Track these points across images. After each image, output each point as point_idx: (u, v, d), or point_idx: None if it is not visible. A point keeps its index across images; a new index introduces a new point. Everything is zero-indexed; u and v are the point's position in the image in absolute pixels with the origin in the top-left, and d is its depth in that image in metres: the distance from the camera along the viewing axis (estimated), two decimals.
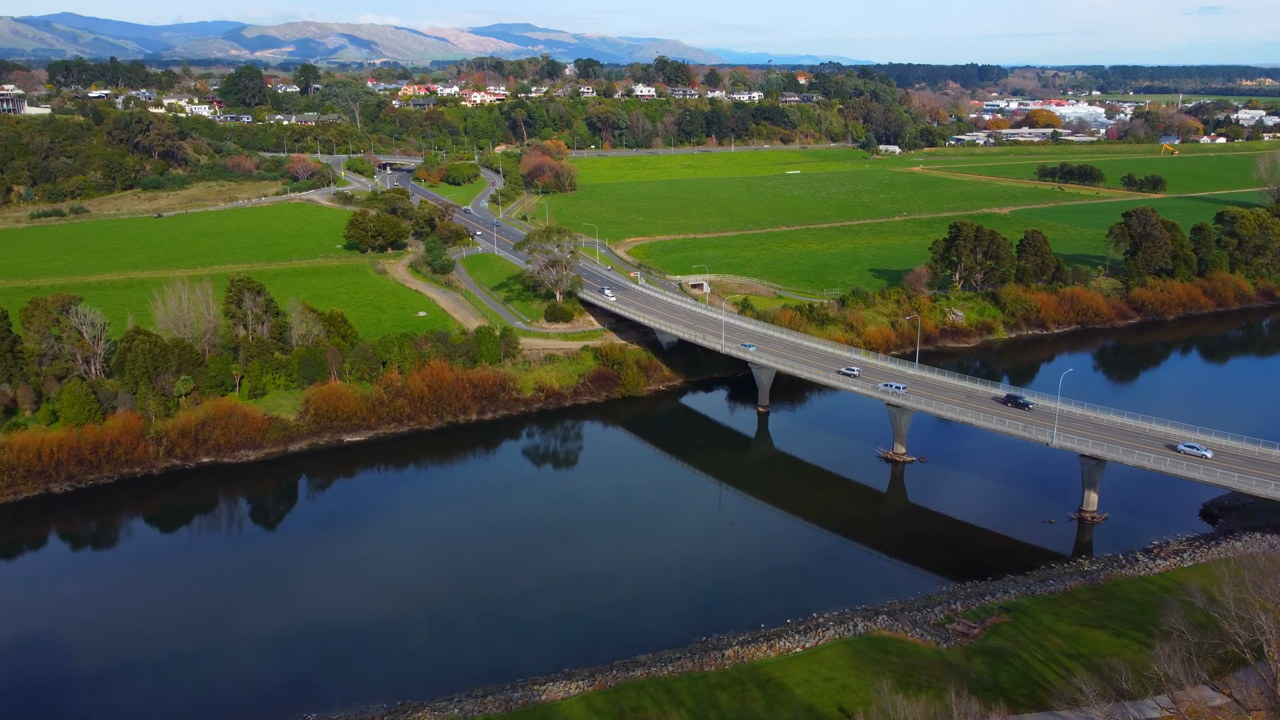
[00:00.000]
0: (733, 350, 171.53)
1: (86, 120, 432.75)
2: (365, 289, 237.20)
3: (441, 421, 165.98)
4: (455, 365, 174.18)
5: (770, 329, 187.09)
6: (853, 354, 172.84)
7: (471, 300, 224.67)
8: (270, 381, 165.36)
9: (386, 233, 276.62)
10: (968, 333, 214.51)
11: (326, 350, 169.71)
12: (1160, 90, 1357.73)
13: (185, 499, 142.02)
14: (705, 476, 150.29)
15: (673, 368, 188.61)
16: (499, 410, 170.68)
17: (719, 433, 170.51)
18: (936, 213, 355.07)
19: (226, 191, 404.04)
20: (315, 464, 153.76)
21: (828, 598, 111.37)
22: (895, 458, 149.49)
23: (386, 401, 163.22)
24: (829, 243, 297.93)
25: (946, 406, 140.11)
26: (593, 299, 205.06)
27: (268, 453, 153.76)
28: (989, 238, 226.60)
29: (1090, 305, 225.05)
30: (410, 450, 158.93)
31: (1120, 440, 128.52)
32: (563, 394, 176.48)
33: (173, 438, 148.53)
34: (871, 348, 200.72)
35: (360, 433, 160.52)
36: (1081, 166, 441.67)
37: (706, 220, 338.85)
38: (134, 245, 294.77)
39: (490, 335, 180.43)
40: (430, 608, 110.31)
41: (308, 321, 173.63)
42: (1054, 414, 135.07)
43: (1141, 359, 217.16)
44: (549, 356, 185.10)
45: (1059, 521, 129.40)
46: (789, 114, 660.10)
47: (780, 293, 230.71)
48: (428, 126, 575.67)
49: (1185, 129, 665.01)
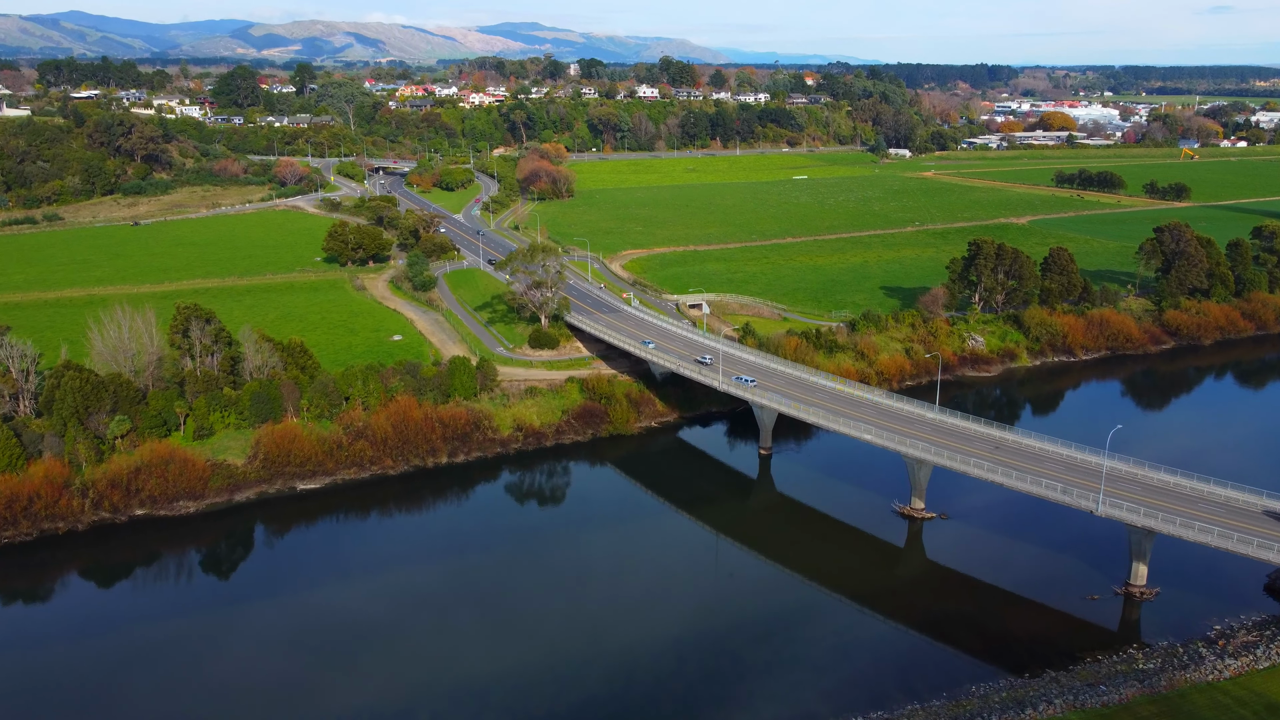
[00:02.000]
0: (732, 389, 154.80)
1: (67, 123, 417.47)
2: (340, 308, 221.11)
3: (407, 465, 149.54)
4: (425, 401, 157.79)
5: (773, 360, 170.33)
6: (866, 393, 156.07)
7: (452, 321, 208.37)
8: (219, 420, 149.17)
9: (367, 245, 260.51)
10: (988, 360, 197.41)
11: (283, 384, 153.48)
12: (1173, 91, 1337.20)
13: (113, 557, 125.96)
14: (701, 526, 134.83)
15: (666, 401, 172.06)
16: (472, 452, 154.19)
17: (717, 475, 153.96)
18: (950, 222, 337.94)
19: (211, 197, 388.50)
20: (264, 515, 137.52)
21: (837, 697, 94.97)
22: (913, 513, 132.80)
23: (346, 444, 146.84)
24: (837, 256, 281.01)
25: (973, 462, 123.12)
26: (580, 324, 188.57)
27: (210, 504, 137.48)
28: (1011, 256, 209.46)
29: (1121, 329, 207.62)
30: (372, 498, 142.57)
31: (1175, 506, 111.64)
32: (543, 433, 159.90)
33: (100, 489, 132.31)
34: (884, 378, 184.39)
35: (316, 479, 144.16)
36: (1101, 173, 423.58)
37: (708, 231, 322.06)
38: (104, 256, 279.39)
39: (465, 367, 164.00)
40: (389, 692, 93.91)
41: (263, 352, 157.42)
42: (1100, 473, 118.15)
43: (1179, 390, 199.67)
44: (530, 389, 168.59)
45: (1103, 597, 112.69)
46: (796, 116, 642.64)
47: (785, 314, 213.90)
48: (424, 129, 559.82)
49: (1204, 132, 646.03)
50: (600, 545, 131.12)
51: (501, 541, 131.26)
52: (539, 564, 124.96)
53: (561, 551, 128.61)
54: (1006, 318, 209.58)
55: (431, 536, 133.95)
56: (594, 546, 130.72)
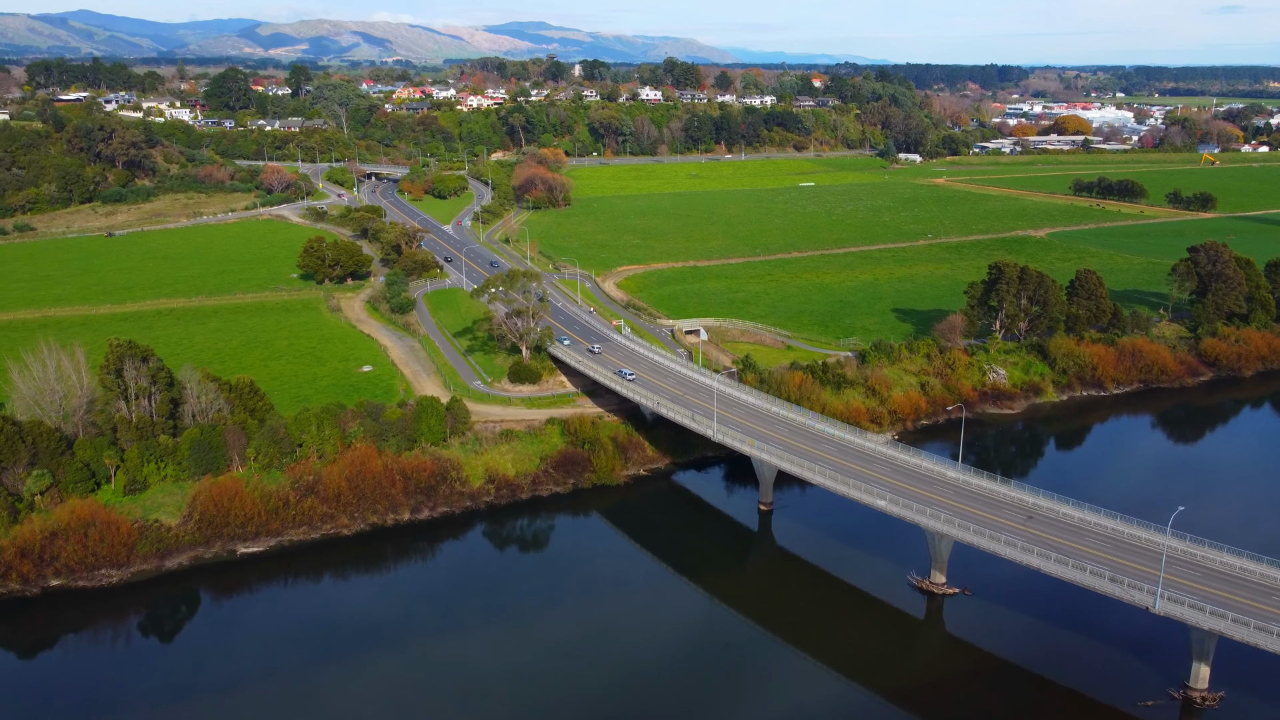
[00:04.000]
0: (728, 440, 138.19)
1: (45, 127, 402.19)
2: (311, 332, 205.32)
3: (364, 524, 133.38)
4: (387, 449, 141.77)
5: (773, 403, 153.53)
6: (878, 444, 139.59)
7: (429, 349, 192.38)
8: (154, 472, 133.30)
9: (345, 262, 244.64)
10: (1011, 395, 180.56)
11: (227, 430, 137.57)
12: (1187, 93, 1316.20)
13: (19, 639, 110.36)
14: (693, 587, 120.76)
15: (657, 445, 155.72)
16: (438, 507, 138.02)
17: (713, 532, 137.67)
18: (965, 235, 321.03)
19: (193, 205, 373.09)
20: (197, 584, 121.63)
21: None
22: (933, 588, 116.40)
23: (293, 501, 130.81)
24: (846, 273, 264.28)
25: (1004, 538, 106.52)
26: (564, 356, 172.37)
27: (137, 571, 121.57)
28: (1036, 280, 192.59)
29: (1155, 361, 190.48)
30: (323, 562, 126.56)
31: (1246, 600, 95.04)
32: (518, 484, 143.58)
33: (8, 558, 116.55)
34: (898, 417, 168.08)
35: (259, 541, 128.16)
36: (1121, 181, 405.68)
37: (709, 244, 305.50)
38: (69, 271, 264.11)
39: (434, 409, 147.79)
40: None
41: (207, 393, 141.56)
42: (1153, 551, 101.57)
43: (1222, 430, 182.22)
44: (506, 432, 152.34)
45: (1159, 703, 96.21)
46: (803, 119, 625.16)
47: (790, 342, 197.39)
48: (420, 132, 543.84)
49: (1224, 136, 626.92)
50: (581, 614, 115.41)
51: (468, 614, 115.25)
52: (510, 639, 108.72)
53: (536, 624, 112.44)
54: (1030, 347, 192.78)
55: (387, 608, 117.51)
56: (573, 615, 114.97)
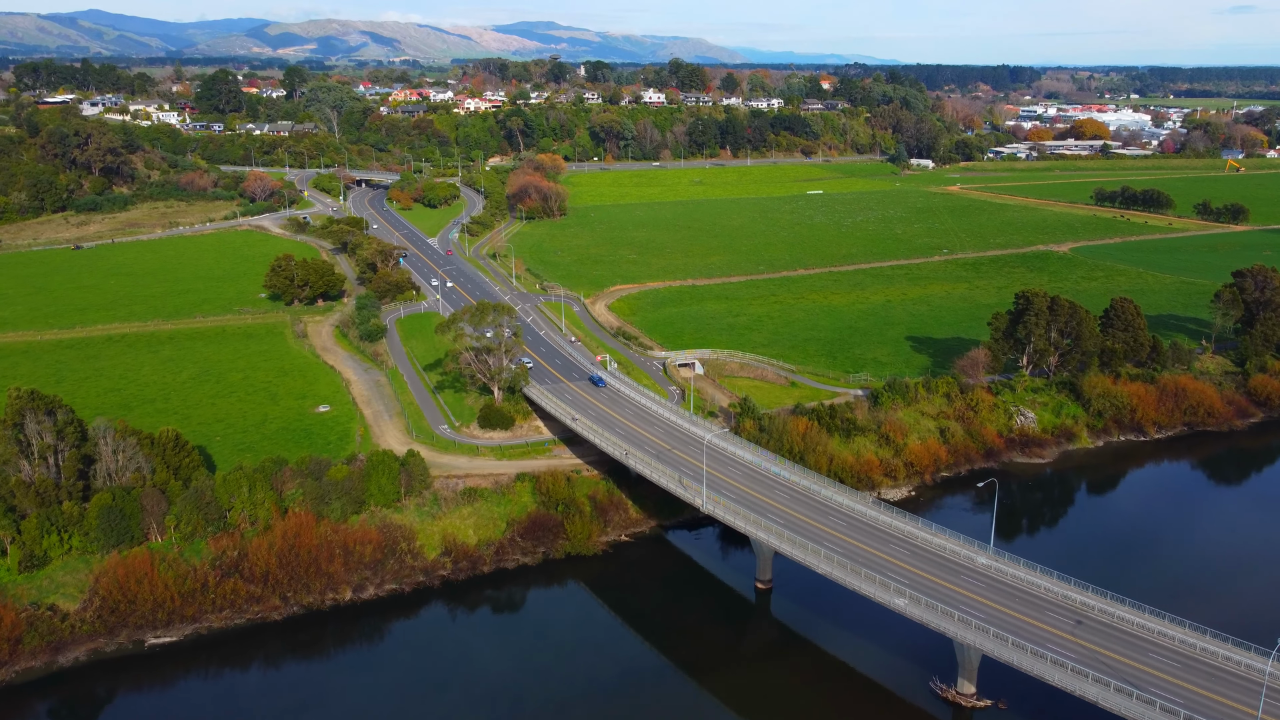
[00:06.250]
0: (719, 513, 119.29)
1: (19, 132, 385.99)
2: (270, 362, 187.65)
3: (297, 607, 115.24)
4: (329, 514, 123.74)
5: (774, 461, 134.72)
6: (894, 517, 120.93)
7: (395, 385, 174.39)
8: (55, 545, 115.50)
9: (314, 282, 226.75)
10: (1042, 442, 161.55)
11: (144, 495, 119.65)
12: (1202, 94, 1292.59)
13: None
14: (680, 675, 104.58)
15: (641, 504, 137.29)
16: (385, 584, 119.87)
17: (703, 611, 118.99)
18: (983, 250, 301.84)
19: (171, 215, 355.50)
20: (95, 684, 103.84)
21: None
22: (959, 699, 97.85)
23: (213, 583, 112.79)
24: (856, 293, 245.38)
25: (1050, 655, 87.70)
26: (540, 400, 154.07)
27: (22, 669, 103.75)
28: (1068, 311, 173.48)
29: (1201, 401, 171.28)
30: (247, 654, 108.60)
31: None
32: (479, 556, 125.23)
33: None
34: (915, 470, 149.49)
35: (172, 630, 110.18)
36: (1146, 190, 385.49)
37: (710, 259, 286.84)
38: (24, 290, 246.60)
39: (387, 466, 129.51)
40: None
41: (124, 450, 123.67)
42: (1259, 689, 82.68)
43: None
44: (469, 490, 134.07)
45: None
46: (811, 123, 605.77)
47: (794, 378, 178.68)
48: (415, 136, 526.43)
49: (1249, 141, 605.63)
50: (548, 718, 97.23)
51: (415, 716, 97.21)
52: None
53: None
54: (1060, 384, 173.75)
55: (322, 709, 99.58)
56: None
